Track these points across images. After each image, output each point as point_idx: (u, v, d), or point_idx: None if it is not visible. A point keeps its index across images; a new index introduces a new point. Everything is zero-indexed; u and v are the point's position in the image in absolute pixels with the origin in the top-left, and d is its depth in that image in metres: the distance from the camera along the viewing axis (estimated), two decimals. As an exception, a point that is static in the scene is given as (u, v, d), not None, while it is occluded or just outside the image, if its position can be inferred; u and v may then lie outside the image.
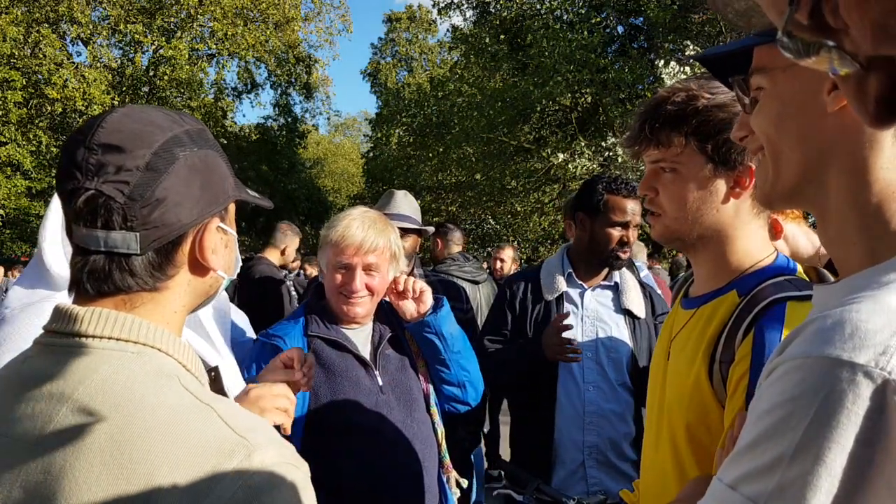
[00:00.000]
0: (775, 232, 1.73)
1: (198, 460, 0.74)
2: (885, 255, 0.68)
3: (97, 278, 0.85)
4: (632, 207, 2.45)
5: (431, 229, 3.38)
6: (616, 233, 2.44)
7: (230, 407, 0.84)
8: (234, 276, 1.00)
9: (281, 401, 1.36)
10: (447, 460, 2.02)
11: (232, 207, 0.97)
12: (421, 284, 1.97)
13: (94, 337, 0.82)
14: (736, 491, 0.62)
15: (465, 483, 2.08)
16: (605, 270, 2.53)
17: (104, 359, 0.81)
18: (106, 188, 0.82)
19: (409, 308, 1.96)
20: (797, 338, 0.65)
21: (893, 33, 0.34)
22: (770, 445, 0.60)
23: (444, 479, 2.01)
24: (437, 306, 1.98)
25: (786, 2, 0.37)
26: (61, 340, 0.83)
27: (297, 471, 0.80)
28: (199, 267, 0.91)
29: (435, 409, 2.01)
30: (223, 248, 0.93)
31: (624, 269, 2.58)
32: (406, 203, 3.07)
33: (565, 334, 2.36)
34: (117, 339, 0.82)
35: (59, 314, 0.86)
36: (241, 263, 1.32)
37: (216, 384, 0.96)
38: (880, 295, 0.62)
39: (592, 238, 2.47)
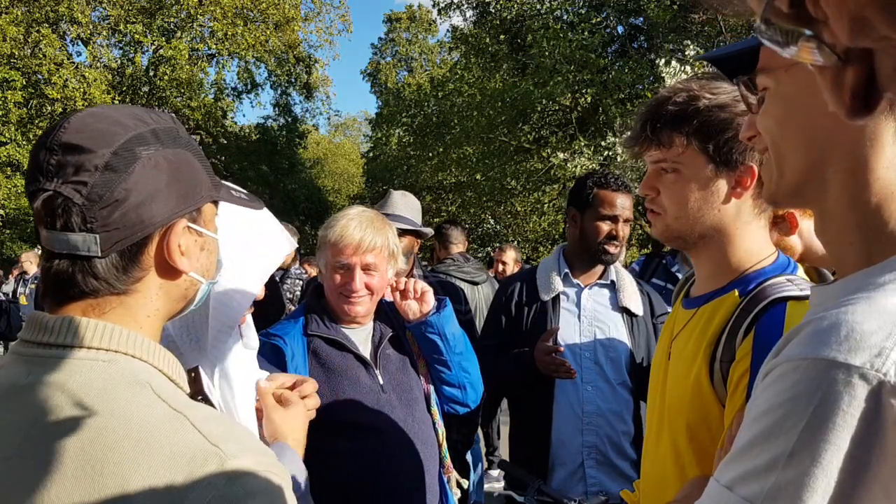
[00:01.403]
0: (791, 227, 1.73)
1: (169, 471, 0.73)
2: (881, 255, 0.68)
3: (62, 281, 0.83)
4: (621, 202, 2.45)
5: (430, 231, 3.38)
6: (605, 226, 2.43)
7: (205, 413, 0.81)
8: (216, 280, 0.96)
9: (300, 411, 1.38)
10: (448, 460, 2.03)
11: (210, 209, 0.93)
12: (423, 284, 1.97)
13: (64, 346, 0.80)
14: (732, 492, 0.62)
15: (465, 483, 2.08)
16: (602, 268, 2.53)
17: (75, 369, 0.79)
18: (64, 189, 0.80)
19: (412, 308, 1.96)
20: (793, 339, 0.65)
21: (869, 25, 0.34)
22: (767, 446, 0.61)
23: (445, 479, 2.01)
24: (439, 307, 1.99)
25: None
26: (33, 350, 0.82)
27: (275, 478, 0.78)
28: (168, 270, 0.87)
29: (436, 409, 2.01)
30: (198, 251, 0.90)
31: (620, 266, 2.58)
32: (402, 203, 3.07)
33: (562, 338, 2.36)
34: (88, 348, 0.80)
35: (31, 322, 0.84)
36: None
37: (196, 385, 0.94)
38: (876, 296, 0.63)
39: (582, 233, 2.47)
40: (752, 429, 0.63)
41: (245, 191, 1.04)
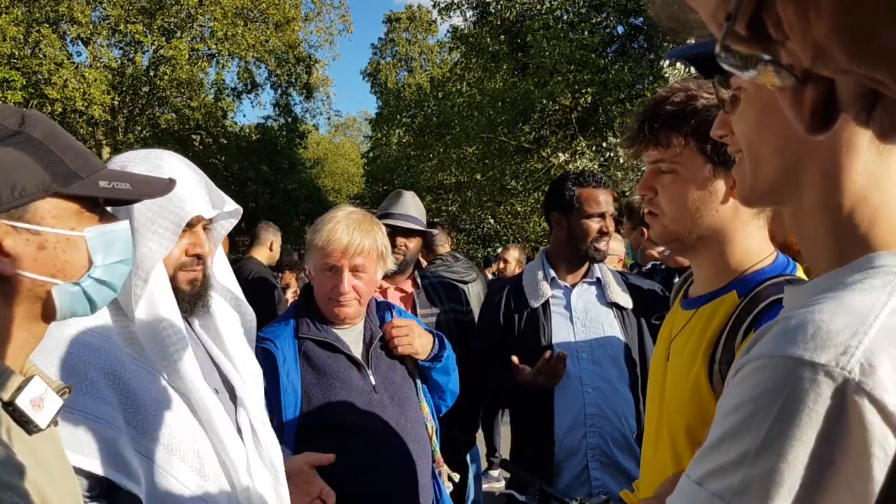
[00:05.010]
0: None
1: None
2: (852, 257, 0.69)
3: None
4: (604, 198, 2.46)
5: (436, 231, 3.39)
6: (594, 224, 2.43)
7: None
8: (77, 279, 0.92)
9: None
10: (438, 454, 2.03)
11: (54, 204, 0.90)
12: (414, 344, 1.99)
13: None
14: (702, 487, 0.64)
15: (456, 477, 2.10)
16: (586, 267, 2.52)
17: None
18: None
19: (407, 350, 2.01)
20: (763, 338, 0.66)
21: (829, 56, 0.34)
22: (735, 443, 0.62)
23: (437, 473, 2.02)
24: (439, 352, 2.02)
25: (724, 15, 0.37)
26: None
27: None
28: None
29: (425, 403, 2.02)
30: (34, 250, 0.88)
31: (603, 264, 2.58)
32: (413, 204, 3.08)
33: (557, 342, 2.37)
34: None
35: None
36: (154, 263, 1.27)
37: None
38: (843, 296, 0.64)
39: (571, 234, 2.46)
40: (721, 425, 0.65)
41: (132, 181, 1.00)
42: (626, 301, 2.47)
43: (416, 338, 1.99)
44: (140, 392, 1.25)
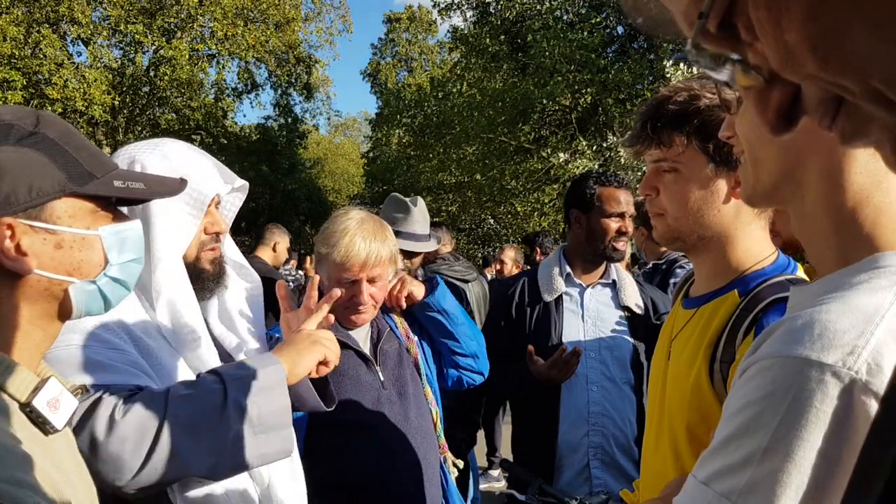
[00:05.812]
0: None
1: None
2: (857, 257, 0.69)
3: None
4: (625, 198, 2.46)
5: (438, 245, 3.38)
6: (613, 224, 2.43)
7: None
8: (93, 277, 0.94)
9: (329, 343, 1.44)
10: (443, 440, 2.05)
11: (71, 204, 0.91)
12: (408, 288, 2.04)
13: None
14: (709, 487, 0.64)
15: (461, 464, 2.12)
16: (603, 268, 2.52)
17: None
18: None
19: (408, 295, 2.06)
20: (769, 338, 0.66)
21: (799, 61, 0.34)
22: (742, 443, 0.62)
23: (442, 460, 2.03)
24: (431, 287, 2.06)
25: (696, 14, 0.37)
26: None
27: None
28: (5, 271, 0.86)
29: (429, 388, 2.03)
30: (51, 249, 0.89)
31: (620, 266, 2.58)
32: (421, 218, 3.01)
33: (566, 339, 2.37)
34: None
35: None
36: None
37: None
38: (849, 296, 0.64)
39: (589, 232, 2.46)
40: (728, 425, 0.65)
41: (145, 181, 1.01)
42: (638, 306, 2.47)
43: (409, 284, 2.06)
44: (160, 356, 1.29)
